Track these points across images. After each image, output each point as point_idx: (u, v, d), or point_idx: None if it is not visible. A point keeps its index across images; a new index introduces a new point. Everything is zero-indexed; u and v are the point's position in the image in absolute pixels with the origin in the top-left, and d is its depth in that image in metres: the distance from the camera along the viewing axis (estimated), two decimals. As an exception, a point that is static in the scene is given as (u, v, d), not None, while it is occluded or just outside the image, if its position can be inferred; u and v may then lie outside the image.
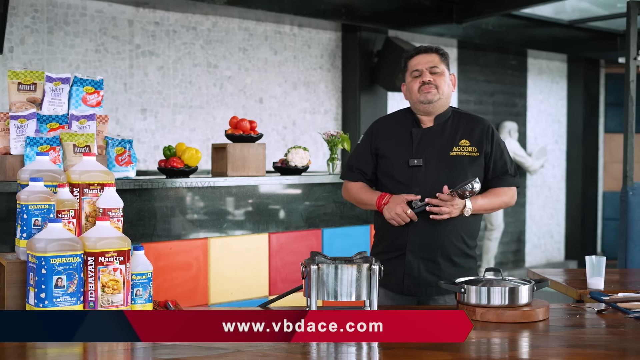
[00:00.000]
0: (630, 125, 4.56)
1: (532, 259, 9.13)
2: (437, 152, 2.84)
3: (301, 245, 4.08)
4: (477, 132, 2.88)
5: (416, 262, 2.82)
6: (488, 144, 2.88)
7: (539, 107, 9.12)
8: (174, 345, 2.12)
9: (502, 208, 2.98)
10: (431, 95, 2.83)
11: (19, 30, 5.29)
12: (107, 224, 2.36)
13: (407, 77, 2.91)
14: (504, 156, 2.92)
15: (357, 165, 2.98)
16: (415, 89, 2.86)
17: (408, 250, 2.82)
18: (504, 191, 2.91)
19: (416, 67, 2.87)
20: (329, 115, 7.01)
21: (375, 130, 2.97)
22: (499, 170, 2.89)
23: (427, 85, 2.83)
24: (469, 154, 2.84)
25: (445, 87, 2.86)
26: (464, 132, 2.87)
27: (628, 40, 4.57)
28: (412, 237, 2.82)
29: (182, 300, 3.42)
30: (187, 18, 6.10)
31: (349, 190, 3.01)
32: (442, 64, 2.87)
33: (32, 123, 3.12)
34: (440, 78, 2.86)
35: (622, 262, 4.50)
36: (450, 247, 2.83)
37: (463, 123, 2.90)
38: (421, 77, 2.85)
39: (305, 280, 2.43)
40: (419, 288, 2.83)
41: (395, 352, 2.09)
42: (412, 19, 7.00)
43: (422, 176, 2.81)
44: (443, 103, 2.88)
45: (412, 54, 2.90)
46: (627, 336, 2.28)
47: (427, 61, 2.86)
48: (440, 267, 2.83)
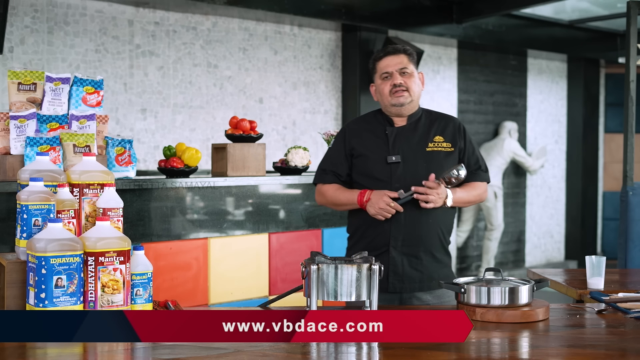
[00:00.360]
0: (630, 125, 4.56)
1: (532, 259, 9.14)
2: (414, 148, 2.88)
3: (301, 245, 4.08)
4: (450, 129, 2.94)
5: (400, 258, 2.84)
6: (461, 139, 2.93)
7: (539, 107, 9.12)
8: (174, 345, 2.12)
9: (476, 202, 3.03)
10: (403, 99, 2.88)
11: (19, 30, 5.29)
12: (107, 224, 2.36)
13: (377, 79, 2.94)
14: (476, 152, 2.99)
15: (331, 168, 2.99)
16: (386, 92, 2.89)
17: (391, 247, 2.84)
18: (479, 185, 2.98)
19: (386, 70, 2.89)
20: (329, 115, 7.01)
21: (348, 132, 2.99)
22: (473, 166, 2.96)
23: (399, 88, 2.86)
24: (444, 149, 2.89)
25: (416, 88, 2.91)
26: (437, 129, 2.93)
27: (628, 40, 4.57)
28: (395, 234, 2.84)
29: (182, 300, 3.43)
30: (187, 18, 6.10)
31: (325, 193, 3.00)
32: (411, 64, 2.90)
33: (32, 123, 3.12)
34: (411, 79, 2.89)
35: (622, 262, 4.50)
36: (431, 241, 2.87)
37: (435, 121, 2.96)
38: (391, 79, 2.88)
39: (305, 280, 2.43)
40: (403, 284, 2.85)
41: (395, 352, 2.09)
42: (412, 19, 7.00)
43: (401, 172, 2.84)
44: (414, 104, 2.93)
45: (381, 56, 2.92)
46: (627, 336, 2.28)
47: (396, 63, 2.88)
48: (423, 262, 2.86)
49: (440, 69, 8.01)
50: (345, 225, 2.97)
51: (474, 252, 8.44)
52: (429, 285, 2.86)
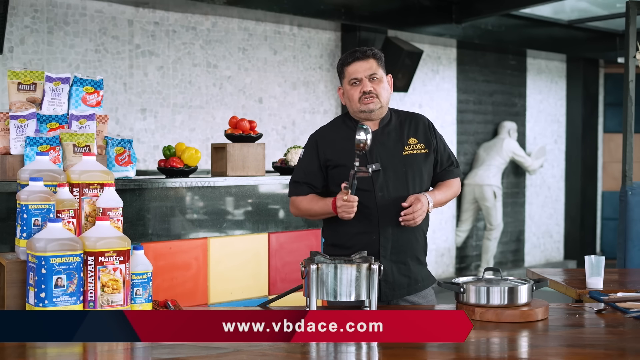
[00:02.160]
0: (629, 125, 4.56)
1: (531, 259, 9.14)
2: (391, 154, 2.82)
3: (301, 245, 4.08)
4: (421, 129, 2.90)
5: (390, 267, 2.79)
6: (433, 138, 2.90)
7: (538, 107, 9.12)
8: (174, 345, 2.13)
9: (451, 200, 3.00)
10: (373, 105, 2.81)
11: (19, 30, 5.29)
12: (107, 224, 2.36)
13: (345, 84, 2.85)
14: (447, 149, 2.96)
15: (305, 180, 2.89)
16: (355, 98, 2.82)
17: (382, 257, 2.78)
18: (453, 183, 2.96)
19: (354, 76, 2.81)
20: (329, 115, 7.01)
21: (319, 142, 2.90)
22: (445, 163, 2.94)
23: (368, 95, 2.80)
24: (419, 151, 2.86)
25: (385, 93, 2.84)
26: (409, 131, 2.88)
27: (627, 40, 4.57)
28: (384, 243, 2.79)
29: (181, 300, 3.43)
30: (187, 18, 6.10)
31: (299, 205, 2.91)
32: (380, 69, 2.83)
33: (32, 123, 3.12)
34: (380, 85, 2.82)
35: (621, 261, 4.50)
36: (417, 246, 2.86)
37: (404, 122, 2.91)
38: (361, 85, 2.81)
39: (304, 280, 2.44)
40: (394, 292, 2.81)
41: (395, 352, 2.10)
42: (412, 19, 7.01)
43: (383, 180, 2.78)
44: (383, 109, 2.87)
45: (350, 61, 2.83)
46: (626, 336, 2.29)
47: (366, 68, 2.80)
48: (410, 267, 2.83)
49: (440, 69, 8.01)
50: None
51: (473, 252, 8.45)
52: (415, 288, 2.84)
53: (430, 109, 7.84)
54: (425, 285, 2.87)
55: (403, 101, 7.60)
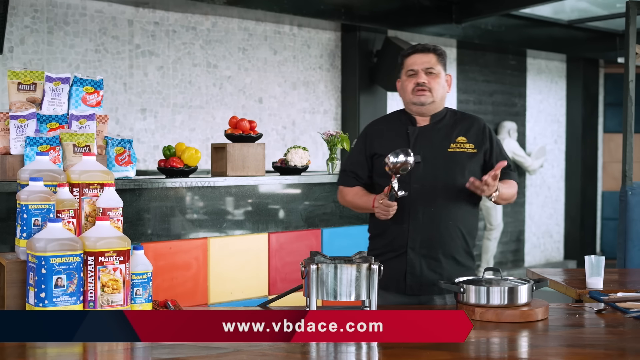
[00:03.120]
0: (629, 125, 4.56)
1: (531, 259, 9.14)
2: (435, 148, 2.83)
3: (301, 245, 4.08)
4: (474, 130, 2.88)
5: (418, 260, 2.80)
6: (486, 141, 2.88)
7: (538, 107, 9.12)
8: (174, 345, 2.13)
9: (510, 201, 2.95)
10: (424, 98, 2.83)
11: (19, 30, 5.29)
12: (107, 224, 2.36)
13: (403, 75, 2.89)
14: (504, 153, 2.93)
15: (351, 169, 2.96)
16: (409, 89, 2.85)
17: (409, 248, 2.80)
18: (512, 183, 2.92)
19: (412, 67, 2.84)
20: (329, 115, 7.01)
21: (369, 133, 2.96)
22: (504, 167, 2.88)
23: (421, 87, 2.82)
24: (466, 150, 2.84)
25: (440, 89, 2.85)
26: (460, 130, 2.87)
27: (627, 40, 4.57)
28: (413, 235, 2.80)
29: (181, 300, 3.43)
30: (187, 18, 6.10)
31: (345, 196, 2.99)
32: (438, 64, 2.85)
33: (32, 123, 3.12)
34: (435, 80, 2.84)
35: (621, 261, 4.50)
36: (451, 244, 2.82)
37: (459, 121, 2.90)
38: (416, 77, 2.84)
39: (304, 280, 2.44)
40: (421, 287, 2.80)
41: (395, 352, 2.10)
42: (412, 19, 7.01)
43: (421, 173, 2.79)
44: (436, 105, 2.87)
45: (410, 52, 2.87)
46: (626, 336, 2.29)
47: (424, 61, 2.83)
48: (442, 264, 2.80)
49: (440, 69, 8.00)
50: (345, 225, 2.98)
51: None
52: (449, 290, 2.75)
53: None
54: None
55: (403, 101, 7.60)
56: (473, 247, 2.93)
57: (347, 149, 4.40)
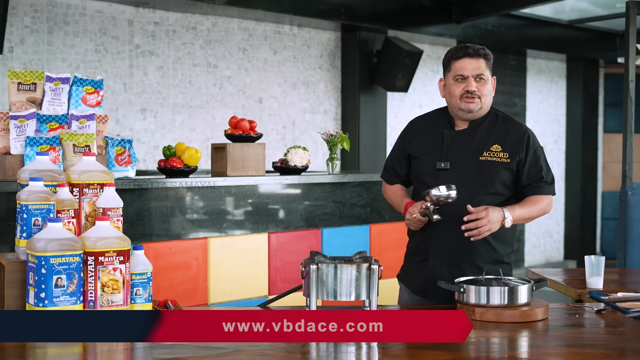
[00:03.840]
0: (629, 125, 4.56)
1: (531, 259, 9.14)
2: (467, 156, 2.75)
3: (301, 245, 4.08)
4: (512, 137, 2.77)
5: (439, 267, 2.76)
6: (522, 150, 2.75)
7: (538, 107, 9.12)
8: (174, 345, 2.12)
9: (538, 217, 2.84)
10: (473, 106, 2.74)
11: (19, 30, 5.29)
12: (107, 224, 2.36)
13: (449, 78, 2.79)
14: (540, 163, 2.80)
15: (391, 165, 2.96)
16: (457, 94, 2.76)
17: (431, 255, 2.77)
18: (540, 199, 2.79)
19: (461, 72, 2.74)
20: (329, 115, 7.01)
21: (409, 131, 2.93)
22: (534, 177, 2.78)
23: (471, 95, 2.73)
24: (499, 159, 2.73)
25: (488, 95, 2.76)
26: (496, 137, 2.76)
27: (627, 40, 4.57)
28: (436, 242, 2.76)
29: (181, 300, 3.43)
30: (187, 18, 6.10)
31: (386, 192, 3.02)
32: (487, 70, 2.75)
33: (32, 123, 3.12)
34: (485, 87, 2.75)
35: (621, 261, 4.50)
36: (477, 253, 2.74)
37: (498, 127, 2.79)
38: (466, 84, 2.74)
39: (304, 280, 2.44)
40: (440, 292, 2.69)
41: (395, 352, 2.10)
42: (412, 19, 7.01)
43: (449, 180, 2.69)
44: (483, 111, 2.78)
45: (460, 56, 2.76)
46: (626, 336, 2.28)
47: (474, 67, 2.73)
48: (466, 273, 2.70)
49: (440, 69, 8.01)
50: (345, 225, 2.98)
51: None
52: None
53: (429, 109, 7.82)
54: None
55: (403, 101, 7.60)
56: (506, 254, 2.82)
57: (347, 149, 4.40)
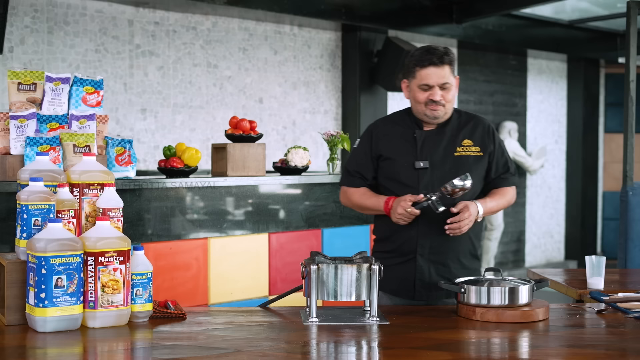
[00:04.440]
0: (630, 125, 4.56)
1: (532, 259, 9.13)
2: (442, 153, 2.80)
3: (301, 245, 4.08)
4: (479, 132, 2.85)
5: (427, 266, 2.78)
6: (490, 143, 2.85)
7: (538, 107, 9.12)
8: (174, 345, 2.12)
9: (505, 208, 2.94)
10: (438, 113, 2.78)
11: (19, 30, 5.29)
12: (107, 224, 2.36)
13: (413, 84, 2.79)
14: (505, 155, 2.90)
15: (356, 170, 2.91)
16: (422, 101, 2.78)
17: (419, 255, 2.78)
18: (507, 191, 2.90)
19: (427, 82, 2.75)
20: (329, 115, 7.01)
21: (374, 134, 2.90)
22: (501, 169, 2.88)
23: (436, 103, 2.76)
24: (473, 153, 2.81)
25: (452, 100, 2.81)
26: (465, 132, 2.84)
27: (628, 40, 4.57)
28: (422, 241, 2.77)
29: (182, 300, 3.42)
30: (187, 18, 6.10)
31: (351, 197, 2.93)
32: (451, 75, 2.78)
33: (32, 123, 3.12)
34: (449, 93, 2.78)
35: (622, 262, 4.50)
36: (460, 249, 2.81)
37: (464, 123, 2.87)
38: (431, 92, 2.76)
39: (305, 280, 2.43)
40: (430, 292, 2.78)
41: (395, 352, 2.09)
42: (412, 19, 7.00)
43: (429, 178, 2.76)
44: (447, 115, 2.83)
45: (425, 65, 2.75)
46: (627, 336, 2.28)
47: (440, 76, 2.74)
48: (450, 269, 2.79)
49: (440, 69, 7.99)
50: (345, 225, 2.96)
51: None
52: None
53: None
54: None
55: (403, 101, 7.59)
56: (479, 248, 2.92)
57: (347, 149, 4.40)
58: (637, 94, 4.64)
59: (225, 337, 2.20)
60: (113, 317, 2.30)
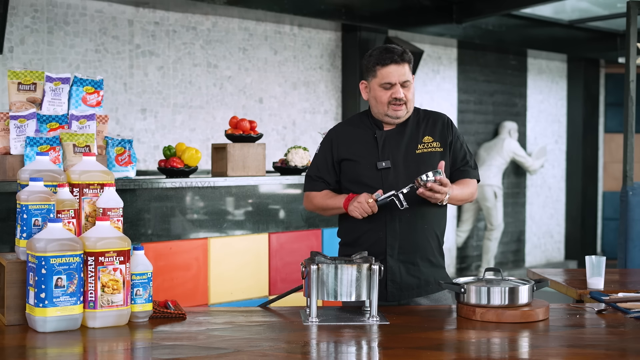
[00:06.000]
0: (630, 125, 4.56)
1: (532, 259, 9.14)
2: (403, 152, 2.80)
3: (301, 245, 4.08)
4: (438, 126, 2.85)
5: (397, 266, 2.76)
6: (450, 135, 2.84)
7: (538, 107, 9.12)
8: (174, 345, 2.13)
9: (467, 201, 2.91)
10: (401, 112, 2.79)
11: (19, 30, 5.29)
12: (107, 224, 2.36)
13: (374, 84, 2.79)
14: (464, 147, 2.89)
15: (318, 175, 2.90)
16: (384, 101, 2.78)
17: (388, 256, 2.76)
18: (469, 182, 2.87)
19: (389, 80, 2.75)
20: (329, 115, 7.01)
21: (334, 138, 2.89)
22: (460, 162, 2.86)
23: (399, 102, 2.77)
24: (434, 149, 2.81)
25: (413, 98, 2.82)
26: (425, 129, 2.84)
27: (628, 40, 4.57)
28: (391, 242, 2.76)
29: (182, 300, 3.43)
30: (187, 18, 6.10)
31: (313, 199, 2.91)
32: (410, 72, 2.79)
33: (32, 123, 3.12)
34: (410, 91, 2.79)
35: (622, 262, 4.50)
36: (428, 246, 2.80)
37: (423, 119, 2.87)
38: (393, 91, 2.76)
39: (305, 280, 2.43)
40: (401, 292, 2.77)
41: (395, 352, 2.09)
42: (412, 18, 7.00)
43: (392, 178, 2.75)
44: (409, 114, 2.84)
45: (386, 63, 2.75)
46: (627, 336, 2.28)
47: (400, 74, 2.75)
48: (420, 267, 2.78)
49: (440, 69, 8.01)
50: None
51: (474, 252, 8.44)
52: (426, 290, 2.79)
53: (430, 109, 7.82)
54: (438, 289, 2.80)
55: (403, 101, 7.58)
56: (443, 244, 2.91)
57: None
58: (637, 94, 4.64)
59: (225, 337, 2.20)
60: (113, 317, 2.31)
